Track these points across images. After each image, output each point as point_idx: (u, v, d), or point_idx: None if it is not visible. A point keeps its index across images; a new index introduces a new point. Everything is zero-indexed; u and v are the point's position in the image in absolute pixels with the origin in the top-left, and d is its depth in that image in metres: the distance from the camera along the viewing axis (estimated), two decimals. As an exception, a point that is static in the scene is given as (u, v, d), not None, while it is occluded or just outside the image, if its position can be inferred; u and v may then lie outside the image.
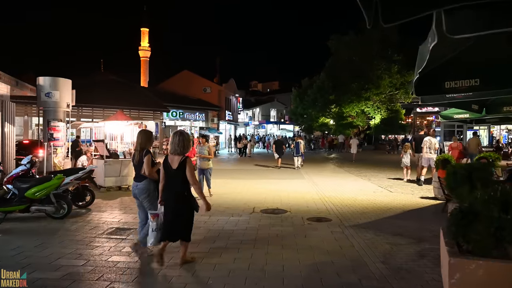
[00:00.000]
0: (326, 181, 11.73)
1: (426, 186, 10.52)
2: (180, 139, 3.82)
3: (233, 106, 39.09)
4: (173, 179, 3.83)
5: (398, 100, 36.32)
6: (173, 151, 3.83)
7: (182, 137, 3.86)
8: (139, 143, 4.27)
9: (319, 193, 9.29)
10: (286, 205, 7.57)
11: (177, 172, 3.78)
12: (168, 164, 3.83)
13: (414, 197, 8.72)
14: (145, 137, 4.29)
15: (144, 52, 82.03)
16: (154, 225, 3.86)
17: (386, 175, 13.65)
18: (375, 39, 32.31)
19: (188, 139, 3.91)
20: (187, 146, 3.85)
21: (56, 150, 9.37)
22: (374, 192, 9.48)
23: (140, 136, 4.31)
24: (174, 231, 3.87)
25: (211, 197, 8.07)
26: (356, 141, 22.65)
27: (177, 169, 3.78)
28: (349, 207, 7.44)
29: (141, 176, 4.19)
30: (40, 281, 3.54)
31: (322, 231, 5.48)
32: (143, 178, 4.18)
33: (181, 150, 3.81)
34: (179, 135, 3.88)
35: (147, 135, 4.34)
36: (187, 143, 3.86)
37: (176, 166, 3.77)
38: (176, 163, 3.78)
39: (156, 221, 3.86)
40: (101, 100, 23.63)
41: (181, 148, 3.80)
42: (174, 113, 29.97)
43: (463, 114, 9.97)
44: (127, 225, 5.78)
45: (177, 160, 3.79)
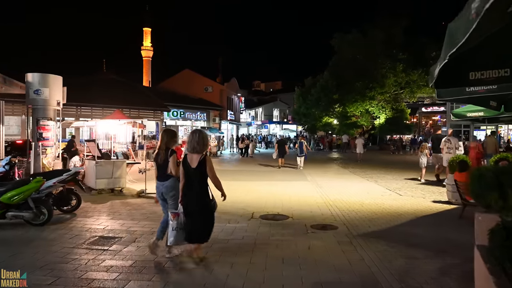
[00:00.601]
0: (331, 183, 11.15)
1: (438, 189, 9.92)
2: (199, 137, 3.81)
3: (235, 105, 38.55)
4: (192, 178, 3.81)
5: (403, 100, 35.65)
6: (191, 149, 3.81)
7: (201, 135, 3.85)
8: (164, 142, 4.23)
9: (323, 196, 8.72)
10: (288, 210, 7.01)
11: (196, 171, 3.78)
12: (187, 163, 3.80)
13: (426, 201, 8.12)
14: (169, 136, 4.27)
15: (146, 52, 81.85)
16: (174, 224, 3.81)
17: (393, 176, 13.05)
18: (380, 40, 31.71)
19: (206, 137, 3.90)
20: (206, 144, 3.86)
21: (46, 151, 8.87)
22: (382, 195, 8.89)
23: (164, 135, 4.28)
24: (194, 231, 3.84)
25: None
26: (362, 141, 22.13)
27: (196, 168, 3.77)
28: (356, 212, 6.87)
29: (166, 175, 4.17)
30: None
31: (328, 241, 4.91)
32: (168, 177, 4.17)
33: (200, 148, 3.80)
34: (198, 133, 3.87)
35: (171, 134, 4.32)
36: (206, 141, 3.87)
37: (196, 165, 3.77)
38: (195, 162, 3.78)
39: (177, 220, 3.82)
40: (100, 99, 23.19)
41: (201, 146, 3.80)
42: (175, 112, 29.49)
43: (478, 112, 9.37)
44: (112, 233, 5.25)
45: (196, 159, 3.79)
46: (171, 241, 3.86)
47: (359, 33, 33.07)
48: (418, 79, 31.84)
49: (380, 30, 32.13)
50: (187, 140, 3.86)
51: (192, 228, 3.82)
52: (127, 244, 4.69)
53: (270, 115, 53.86)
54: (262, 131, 51.89)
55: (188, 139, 3.86)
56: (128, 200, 7.92)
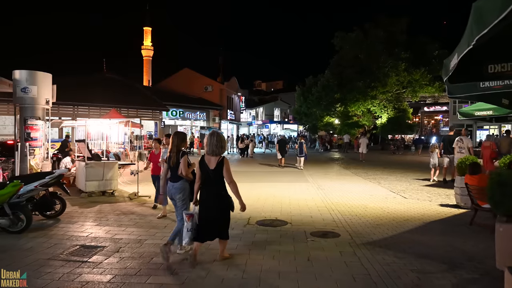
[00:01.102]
0: (332, 185, 10.73)
1: (444, 191, 9.48)
2: (217, 140, 3.90)
3: (235, 105, 38.14)
4: (210, 179, 3.88)
5: (405, 99, 35.18)
6: (210, 151, 3.89)
7: (219, 137, 3.94)
8: (175, 145, 4.32)
9: (325, 199, 8.30)
10: (287, 214, 6.59)
11: (215, 172, 3.86)
12: (205, 164, 3.90)
13: (433, 205, 7.69)
14: (180, 139, 4.38)
15: (146, 51, 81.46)
16: (189, 225, 3.89)
17: (397, 177, 12.61)
18: (381, 39, 31.29)
19: (224, 139, 4.01)
20: (224, 146, 3.96)
21: (34, 151, 8.47)
22: (386, 198, 8.46)
23: (175, 138, 4.36)
24: (212, 230, 3.94)
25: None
26: (366, 140, 21.76)
27: (215, 169, 3.86)
28: (359, 217, 6.45)
29: (178, 177, 4.28)
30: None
31: (329, 252, 4.49)
32: (179, 178, 4.28)
33: (219, 150, 3.89)
34: (216, 136, 3.95)
35: (181, 136, 4.44)
36: (224, 143, 3.96)
37: (214, 166, 3.86)
38: (213, 163, 3.87)
39: (191, 221, 3.90)
40: (98, 99, 22.83)
41: (219, 148, 3.90)
42: (174, 112, 29.12)
43: (486, 111, 8.94)
44: (95, 241, 4.84)
45: (214, 161, 3.88)
46: (186, 241, 3.92)
47: (361, 32, 32.65)
48: (421, 78, 31.41)
49: (382, 29, 31.74)
50: (206, 143, 3.93)
51: (209, 228, 3.90)
52: (109, 255, 4.29)
53: (271, 115, 53.42)
54: (263, 130, 51.45)
55: (206, 142, 3.93)
56: (118, 204, 7.51)
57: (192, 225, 3.88)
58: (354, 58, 33.34)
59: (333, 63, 35.44)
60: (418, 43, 32.08)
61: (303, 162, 15.59)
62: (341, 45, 33.98)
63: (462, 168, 7.37)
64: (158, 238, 5.03)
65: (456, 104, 41.03)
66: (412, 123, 40.39)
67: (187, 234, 3.88)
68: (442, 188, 10.04)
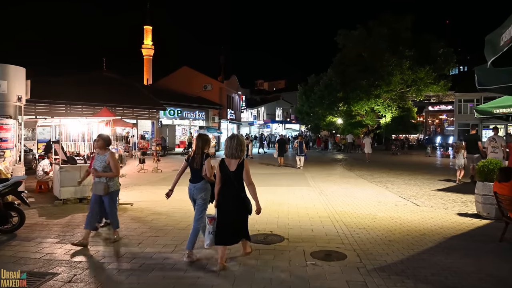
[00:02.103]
0: (336, 189, 9.84)
1: (459, 197, 8.58)
2: (237, 143, 3.97)
3: (236, 104, 37.27)
4: (231, 181, 3.93)
5: (410, 98, 34.18)
6: (230, 154, 3.97)
7: (238, 140, 4.01)
8: (200, 147, 4.39)
9: (328, 206, 7.41)
10: (284, 227, 5.71)
11: (235, 174, 3.92)
12: (225, 167, 3.95)
13: (450, 214, 6.78)
14: (204, 142, 4.46)
15: (147, 50, 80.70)
16: (211, 228, 3.99)
17: (404, 180, 11.71)
18: (385, 36, 30.40)
19: (244, 142, 4.10)
20: (244, 149, 4.05)
21: (4, 154, 7.63)
22: (396, 206, 7.56)
23: (199, 141, 4.44)
24: (233, 233, 3.98)
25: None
26: (370, 140, 20.92)
27: (235, 171, 3.92)
28: (367, 230, 5.56)
29: (200, 178, 4.35)
30: None
31: (334, 281, 3.60)
32: (201, 179, 4.35)
33: (238, 153, 3.96)
34: (236, 139, 4.03)
35: (205, 139, 4.52)
36: (243, 146, 4.05)
37: (235, 169, 3.92)
38: (234, 166, 3.94)
39: (213, 224, 3.97)
40: (93, 97, 22.04)
41: (239, 152, 3.97)
42: (171, 111, 28.26)
43: (508, 108, 8.02)
44: (47, 265, 3.95)
45: (234, 163, 3.95)
46: (207, 243, 4.03)
47: (364, 30, 31.72)
48: (425, 76, 30.46)
49: (386, 26, 30.83)
50: (226, 146, 4.04)
51: (230, 231, 3.93)
52: (58, 286, 3.42)
53: (272, 115, 52.53)
54: (265, 130, 50.58)
55: (226, 145, 4.03)
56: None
57: (213, 228, 3.96)
58: (357, 56, 32.40)
59: (336, 61, 34.52)
60: (423, 41, 31.19)
61: (303, 162, 15.45)
62: (344, 43, 33.07)
63: (484, 173, 6.47)
64: (125, 261, 4.16)
65: (461, 103, 40.07)
66: (417, 122, 39.35)
67: (209, 237, 3.99)
68: (456, 193, 9.13)
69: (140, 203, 7.73)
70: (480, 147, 10.33)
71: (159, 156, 15.33)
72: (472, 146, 10.34)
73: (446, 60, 31.67)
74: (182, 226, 5.71)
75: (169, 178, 12.52)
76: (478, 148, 10.29)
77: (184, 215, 6.35)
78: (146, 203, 7.69)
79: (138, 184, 10.93)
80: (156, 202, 7.85)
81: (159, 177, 12.83)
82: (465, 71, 61.94)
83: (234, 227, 3.94)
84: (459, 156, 10.81)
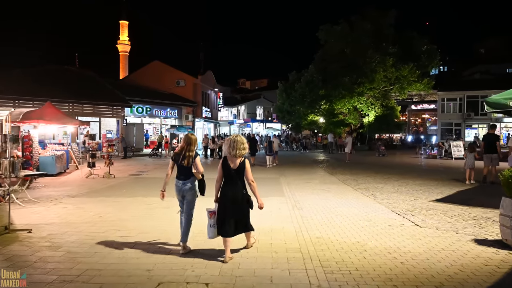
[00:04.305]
0: (314, 201, 8.00)
1: (468, 211, 6.86)
2: (239, 142, 4.23)
3: (212, 102, 35.12)
4: (233, 179, 4.22)
5: (393, 96, 33.02)
6: (234, 153, 4.20)
7: (241, 140, 4.28)
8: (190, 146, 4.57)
9: (301, 229, 5.53)
10: (231, 271, 3.77)
11: (237, 172, 4.21)
12: (227, 165, 4.23)
13: (464, 241, 5.01)
14: (192, 141, 4.60)
15: (123, 46, 77.39)
16: (212, 222, 4.28)
17: (394, 187, 10.03)
18: (368, 32, 29.11)
19: (244, 141, 4.32)
20: (245, 148, 4.29)
21: None
22: (390, 227, 5.76)
23: (189, 140, 4.59)
24: (236, 227, 4.23)
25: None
26: (351, 140, 19.59)
27: (237, 169, 4.21)
28: (355, 278, 3.69)
29: (189, 175, 4.54)
30: None
31: None
32: (190, 176, 4.54)
33: (240, 152, 4.21)
34: (238, 138, 4.29)
35: (193, 139, 4.64)
36: (245, 145, 4.28)
37: (237, 167, 4.21)
38: (236, 164, 4.22)
39: (214, 218, 4.26)
40: (48, 92, 19.45)
41: (241, 150, 4.22)
42: (139, 109, 25.91)
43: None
44: None
45: (237, 161, 4.22)
46: (210, 236, 4.31)
47: (347, 25, 30.31)
48: (409, 74, 29.34)
49: (369, 22, 29.52)
50: (227, 145, 4.25)
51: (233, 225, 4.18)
52: None
53: (253, 113, 50.63)
54: (245, 130, 48.68)
55: (228, 144, 4.25)
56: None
57: (214, 221, 4.25)
58: (340, 52, 30.97)
59: (318, 58, 32.97)
60: (406, 37, 30.13)
61: (271, 161, 16.15)
62: (326, 38, 31.60)
63: (511, 185, 4.73)
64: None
65: (445, 102, 39.36)
66: (400, 121, 38.32)
67: (211, 230, 4.28)
68: (460, 205, 7.44)
69: (47, 227, 5.64)
70: (498, 147, 10.11)
71: (111, 159, 13.14)
72: (490, 146, 10.19)
73: (430, 57, 30.71)
74: (83, 280, 3.67)
75: (118, 187, 10.38)
76: (497, 148, 10.08)
77: (100, 255, 4.34)
78: (55, 228, 5.61)
79: (73, 195, 8.80)
80: (71, 225, 5.79)
81: (106, 185, 10.69)
82: (445, 71, 62.04)
83: (236, 221, 4.20)
84: (471, 156, 10.64)
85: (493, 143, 10.16)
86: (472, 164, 10.63)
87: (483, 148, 10.49)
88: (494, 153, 10.08)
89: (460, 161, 19.04)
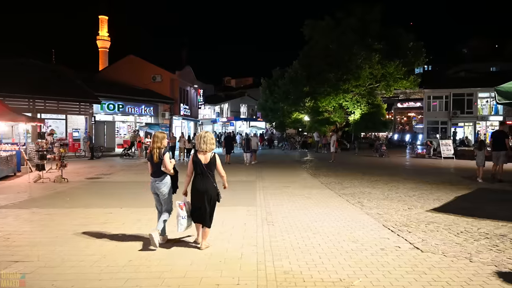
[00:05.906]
0: (290, 211, 6.62)
1: (475, 225, 5.58)
2: (209, 138, 4.45)
3: (192, 99, 33.43)
4: (204, 173, 4.40)
5: (379, 94, 32.10)
6: (204, 148, 4.40)
7: (210, 136, 4.52)
8: (156, 143, 4.65)
9: (266, 258, 4.12)
10: None
11: (208, 166, 4.41)
12: (198, 160, 4.42)
13: (483, 275, 3.69)
14: (160, 138, 4.68)
15: (102, 42, 74.61)
16: (184, 213, 4.41)
17: (384, 192, 8.78)
18: (354, 28, 28.04)
19: (213, 137, 4.56)
20: (214, 143, 4.52)
21: None
22: (383, 251, 4.41)
23: (156, 137, 4.68)
24: (201, 215, 4.42)
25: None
26: (335, 139, 18.38)
27: (208, 164, 4.41)
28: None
29: (161, 172, 4.63)
30: None
31: None
32: (162, 173, 4.64)
33: (209, 147, 4.42)
34: (207, 134, 4.53)
35: (162, 136, 4.72)
36: (213, 140, 4.51)
37: (208, 161, 4.42)
38: (207, 159, 4.42)
39: (185, 209, 4.42)
40: (6, 87, 17.49)
41: (211, 145, 4.44)
42: (111, 105, 24.04)
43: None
44: None
45: (207, 156, 4.43)
46: (181, 228, 4.42)
47: (332, 20, 29.16)
48: (395, 71, 28.38)
49: (354, 17, 28.46)
50: (197, 141, 4.46)
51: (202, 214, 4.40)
52: None
53: (237, 112, 49.11)
54: (229, 128, 47.15)
55: (197, 140, 4.46)
56: None
57: (187, 212, 4.42)
58: (325, 48, 29.75)
59: (302, 54, 31.72)
60: (392, 34, 29.20)
61: (249, 158, 16.03)
62: (311, 34, 30.36)
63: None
64: None
65: (430, 100, 38.79)
66: (385, 120, 37.52)
67: (183, 221, 4.39)
68: (464, 216, 6.18)
69: None
70: (507, 144, 9.93)
71: (63, 160, 11.46)
72: (499, 142, 10.07)
73: (416, 54, 29.88)
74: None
75: (64, 194, 8.67)
76: (505, 145, 9.92)
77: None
78: None
79: (3, 206, 7.16)
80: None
81: (52, 191, 9.08)
82: (430, 70, 61.96)
83: (204, 212, 4.38)
84: (481, 153, 10.43)
85: (502, 140, 10.00)
86: (482, 162, 10.43)
87: (491, 145, 10.38)
88: (502, 150, 9.96)
89: (450, 160, 18.18)
